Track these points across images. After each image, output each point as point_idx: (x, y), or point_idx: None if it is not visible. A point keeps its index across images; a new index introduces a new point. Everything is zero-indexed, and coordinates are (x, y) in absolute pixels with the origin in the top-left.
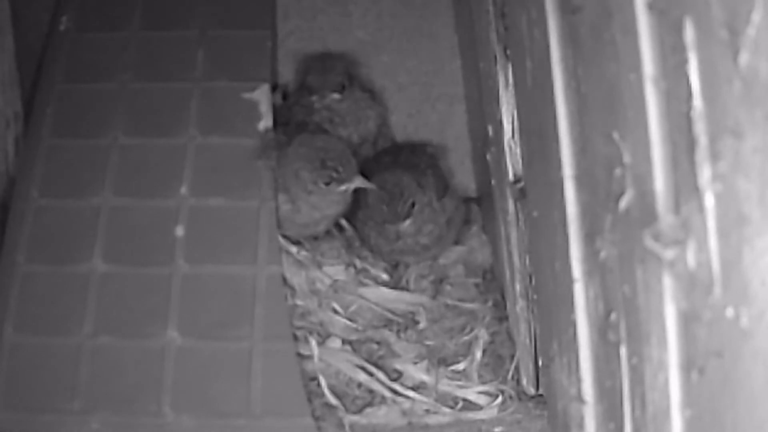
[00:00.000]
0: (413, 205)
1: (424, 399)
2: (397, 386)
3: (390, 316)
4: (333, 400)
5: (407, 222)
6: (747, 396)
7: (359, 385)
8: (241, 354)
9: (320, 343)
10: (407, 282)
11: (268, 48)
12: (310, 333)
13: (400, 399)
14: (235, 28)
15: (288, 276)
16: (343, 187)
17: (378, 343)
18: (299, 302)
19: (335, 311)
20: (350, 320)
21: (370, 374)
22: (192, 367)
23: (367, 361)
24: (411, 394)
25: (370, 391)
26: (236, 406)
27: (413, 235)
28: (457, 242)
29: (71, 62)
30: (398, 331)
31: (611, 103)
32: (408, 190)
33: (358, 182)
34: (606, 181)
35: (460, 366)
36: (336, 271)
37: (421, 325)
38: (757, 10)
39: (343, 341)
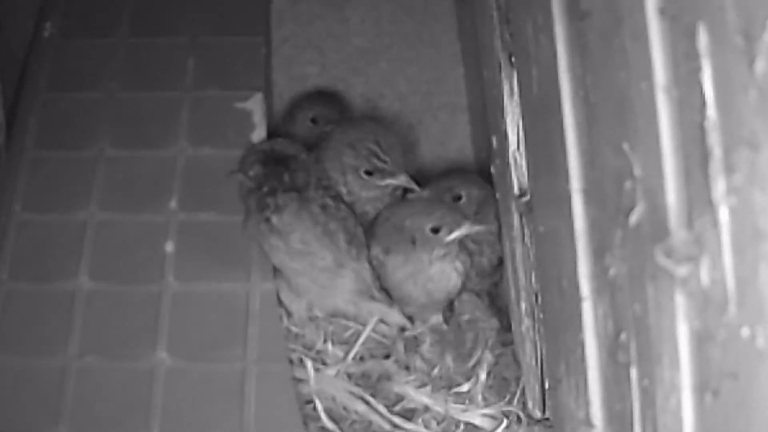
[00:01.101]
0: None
1: (425, 431)
2: (396, 419)
3: (388, 342)
4: (330, 425)
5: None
6: (763, 419)
7: (357, 411)
8: (233, 376)
9: (317, 370)
10: None
11: (262, 55)
12: (306, 355)
13: None
14: (227, 35)
15: (286, 302)
16: (384, 182)
17: (379, 376)
18: (295, 328)
19: (333, 341)
20: (348, 351)
21: (368, 403)
22: (182, 390)
23: (366, 385)
24: (411, 426)
25: (371, 422)
26: (229, 431)
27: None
28: None
29: (56, 70)
30: (398, 361)
31: (621, 112)
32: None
33: (403, 180)
34: (615, 194)
35: (464, 387)
36: None
37: (425, 348)
38: None
39: (339, 371)
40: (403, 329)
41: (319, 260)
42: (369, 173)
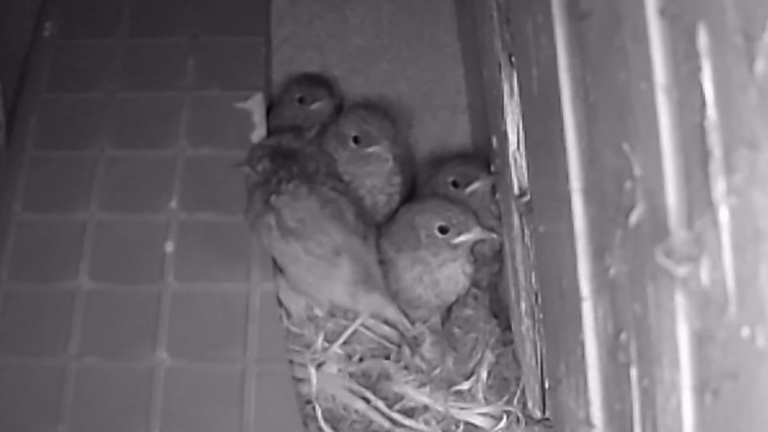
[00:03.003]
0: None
1: (425, 429)
2: (396, 415)
3: (387, 344)
4: (326, 429)
5: None
6: (764, 420)
7: (357, 410)
8: (233, 376)
9: (316, 368)
10: None
11: (262, 55)
12: (305, 355)
13: (399, 430)
14: (227, 35)
15: (286, 302)
16: (368, 150)
17: (378, 376)
18: (295, 328)
19: (331, 340)
20: (347, 350)
21: (368, 401)
22: (182, 390)
23: (365, 385)
24: (411, 423)
25: (371, 421)
26: (229, 431)
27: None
28: None
29: (56, 70)
30: (398, 361)
31: (621, 112)
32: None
33: (384, 146)
34: (616, 194)
35: (465, 386)
36: None
37: (425, 348)
38: None
39: (339, 370)
40: (402, 334)
41: (314, 246)
42: (356, 141)
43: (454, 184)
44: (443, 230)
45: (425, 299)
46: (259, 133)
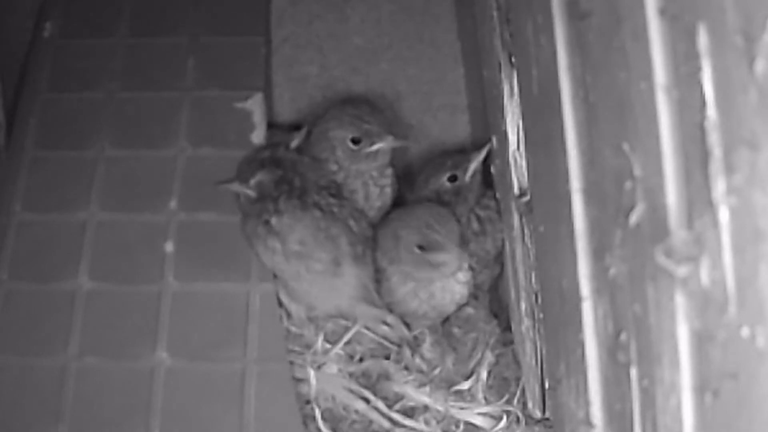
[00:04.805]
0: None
1: (425, 429)
2: (395, 415)
3: (387, 344)
4: (325, 430)
5: None
6: (764, 420)
7: (357, 410)
8: (233, 376)
9: (316, 369)
10: None
11: (262, 55)
12: (305, 355)
13: (399, 430)
14: (227, 35)
15: (285, 302)
16: (374, 148)
17: (378, 375)
18: (295, 329)
19: (332, 341)
20: (347, 351)
21: (368, 401)
22: (182, 390)
23: (365, 385)
24: (411, 423)
25: (371, 422)
26: (229, 431)
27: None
28: None
29: (56, 70)
30: (398, 361)
31: (621, 112)
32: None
33: (390, 142)
34: (616, 194)
35: (465, 386)
36: None
37: (425, 348)
38: None
39: (339, 370)
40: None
41: (315, 263)
42: (356, 141)
43: (452, 179)
44: (422, 248)
45: (421, 312)
46: (259, 133)
